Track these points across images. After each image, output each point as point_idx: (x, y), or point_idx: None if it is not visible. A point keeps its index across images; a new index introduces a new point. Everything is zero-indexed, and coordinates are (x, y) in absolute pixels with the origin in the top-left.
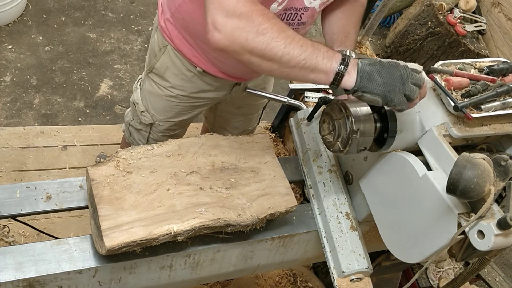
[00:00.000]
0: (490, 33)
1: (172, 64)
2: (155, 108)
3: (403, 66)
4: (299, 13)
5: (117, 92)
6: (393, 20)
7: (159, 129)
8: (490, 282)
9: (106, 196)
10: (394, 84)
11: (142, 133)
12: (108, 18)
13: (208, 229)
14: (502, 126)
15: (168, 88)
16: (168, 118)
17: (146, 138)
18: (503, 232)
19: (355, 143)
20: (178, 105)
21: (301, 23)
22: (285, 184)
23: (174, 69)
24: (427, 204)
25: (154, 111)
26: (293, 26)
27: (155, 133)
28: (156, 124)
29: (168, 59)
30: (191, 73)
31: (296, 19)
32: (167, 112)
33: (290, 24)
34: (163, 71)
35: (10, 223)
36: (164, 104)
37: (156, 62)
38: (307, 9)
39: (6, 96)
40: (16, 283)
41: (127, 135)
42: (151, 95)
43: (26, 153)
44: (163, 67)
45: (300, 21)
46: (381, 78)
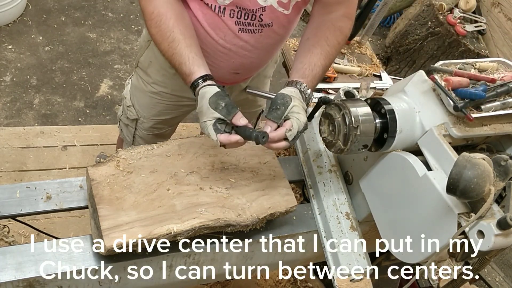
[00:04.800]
0: (490, 33)
1: (155, 59)
2: (140, 104)
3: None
4: (257, 14)
5: (117, 92)
6: (393, 20)
7: (144, 126)
8: (490, 282)
9: (106, 196)
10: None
11: (129, 129)
12: (108, 18)
13: (208, 229)
14: (502, 126)
15: (151, 84)
16: (152, 115)
17: (133, 134)
18: (503, 232)
19: (355, 141)
20: (161, 103)
21: (264, 24)
22: (285, 184)
23: (157, 65)
24: (427, 204)
25: (139, 107)
26: (255, 27)
27: (140, 130)
28: (141, 120)
29: (151, 53)
30: (173, 70)
31: (256, 20)
32: (151, 109)
33: (249, 24)
34: (147, 66)
35: (10, 223)
36: (148, 100)
37: (141, 56)
38: (264, 8)
39: (6, 96)
40: (16, 283)
41: (119, 130)
42: (137, 90)
43: (26, 153)
44: (147, 61)
45: (262, 22)
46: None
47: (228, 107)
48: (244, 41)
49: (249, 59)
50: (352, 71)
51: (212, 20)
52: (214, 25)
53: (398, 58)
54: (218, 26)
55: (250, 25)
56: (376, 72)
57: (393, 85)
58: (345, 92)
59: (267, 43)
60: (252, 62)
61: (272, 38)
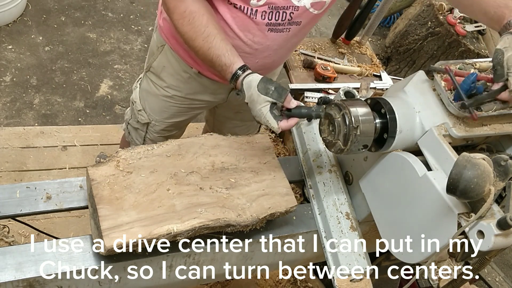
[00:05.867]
0: (490, 33)
1: (169, 64)
2: (151, 108)
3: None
4: (288, 12)
5: (117, 92)
6: (393, 20)
7: (155, 129)
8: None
9: (106, 196)
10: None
11: (139, 132)
12: (108, 18)
13: (208, 229)
14: (502, 126)
15: (164, 88)
16: (164, 118)
17: (143, 137)
18: (503, 232)
19: (355, 141)
20: (174, 106)
21: (293, 22)
22: (285, 184)
23: (171, 69)
24: (427, 204)
25: (150, 111)
26: (284, 26)
27: (151, 133)
28: (152, 123)
29: (165, 58)
30: (187, 74)
31: (286, 19)
32: (163, 112)
33: (279, 24)
34: (160, 71)
35: (10, 223)
36: (160, 104)
37: (154, 61)
38: (297, 8)
39: (6, 96)
40: (16, 283)
41: (126, 134)
42: (148, 94)
43: (26, 153)
44: (160, 66)
45: (291, 20)
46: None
47: (278, 90)
48: (272, 41)
49: (272, 58)
50: (352, 71)
51: (242, 22)
52: (244, 27)
53: (398, 58)
54: (248, 28)
55: (280, 25)
56: (376, 72)
57: (393, 85)
58: (345, 92)
59: (291, 42)
60: (274, 62)
61: (298, 37)
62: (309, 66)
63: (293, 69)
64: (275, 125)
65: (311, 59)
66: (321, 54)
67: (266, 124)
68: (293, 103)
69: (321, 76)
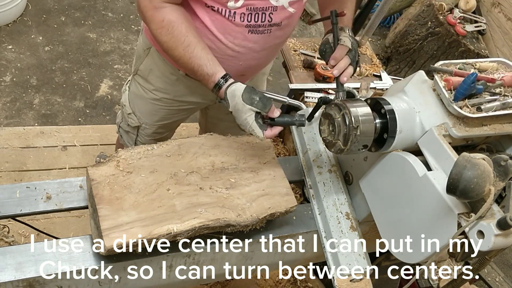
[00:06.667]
0: (490, 33)
1: (156, 66)
2: (141, 111)
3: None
4: (267, 13)
5: (117, 92)
6: (393, 20)
7: (146, 132)
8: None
9: (106, 196)
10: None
11: (130, 135)
12: (108, 18)
13: (208, 229)
14: (502, 126)
15: (152, 91)
16: (155, 121)
17: (134, 140)
18: (503, 232)
19: (355, 141)
20: (163, 109)
21: (273, 24)
22: (285, 184)
23: (158, 72)
24: (427, 204)
25: (140, 114)
26: (265, 27)
27: (142, 136)
28: (143, 127)
29: (151, 61)
30: (174, 76)
31: (266, 20)
32: (153, 115)
33: (259, 26)
34: (147, 74)
35: (10, 223)
36: (150, 107)
37: (140, 64)
38: (275, 8)
39: (6, 96)
40: (16, 283)
41: (119, 137)
42: (137, 98)
43: (26, 153)
44: (147, 69)
45: (271, 22)
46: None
47: (262, 100)
48: (253, 43)
49: (256, 60)
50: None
51: (221, 25)
52: (224, 30)
53: (398, 58)
54: (228, 31)
55: (260, 26)
56: (376, 72)
57: (393, 85)
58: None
59: (274, 43)
60: (258, 63)
61: (279, 38)
62: (309, 66)
63: (293, 69)
64: (261, 134)
65: (311, 59)
66: None
67: (251, 132)
68: (276, 113)
69: (321, 76)
